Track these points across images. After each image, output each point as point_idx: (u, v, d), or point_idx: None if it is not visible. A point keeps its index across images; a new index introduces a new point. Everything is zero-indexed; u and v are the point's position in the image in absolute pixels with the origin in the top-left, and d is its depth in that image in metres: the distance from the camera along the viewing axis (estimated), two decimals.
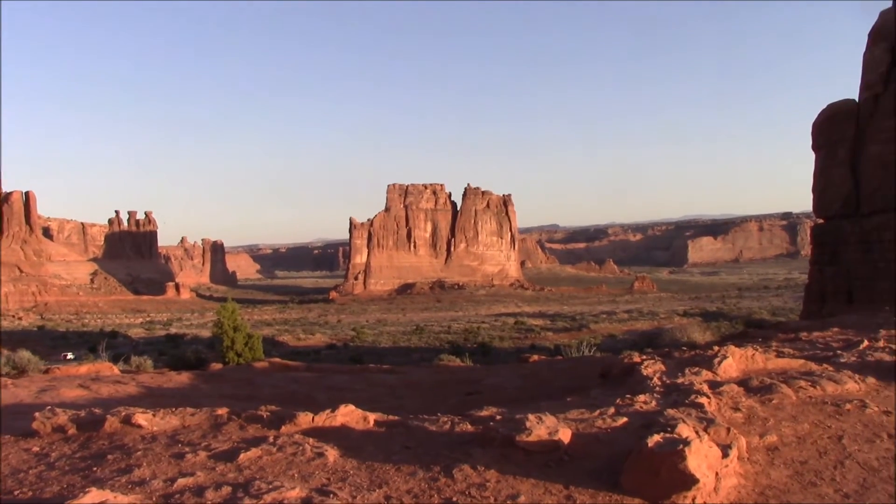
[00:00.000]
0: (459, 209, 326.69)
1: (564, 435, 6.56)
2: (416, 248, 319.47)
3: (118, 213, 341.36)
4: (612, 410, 8.00)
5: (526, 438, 6.43)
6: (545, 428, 6.59)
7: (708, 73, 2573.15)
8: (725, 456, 6.04)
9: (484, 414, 8.12)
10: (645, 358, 12.29)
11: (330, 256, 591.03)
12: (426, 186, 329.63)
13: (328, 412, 7.80)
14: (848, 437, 7.60)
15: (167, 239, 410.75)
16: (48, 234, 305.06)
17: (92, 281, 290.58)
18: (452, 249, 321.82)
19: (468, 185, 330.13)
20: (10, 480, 6.36)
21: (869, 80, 48.59)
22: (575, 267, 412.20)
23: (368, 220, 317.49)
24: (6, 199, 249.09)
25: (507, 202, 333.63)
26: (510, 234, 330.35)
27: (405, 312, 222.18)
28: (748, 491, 6.01)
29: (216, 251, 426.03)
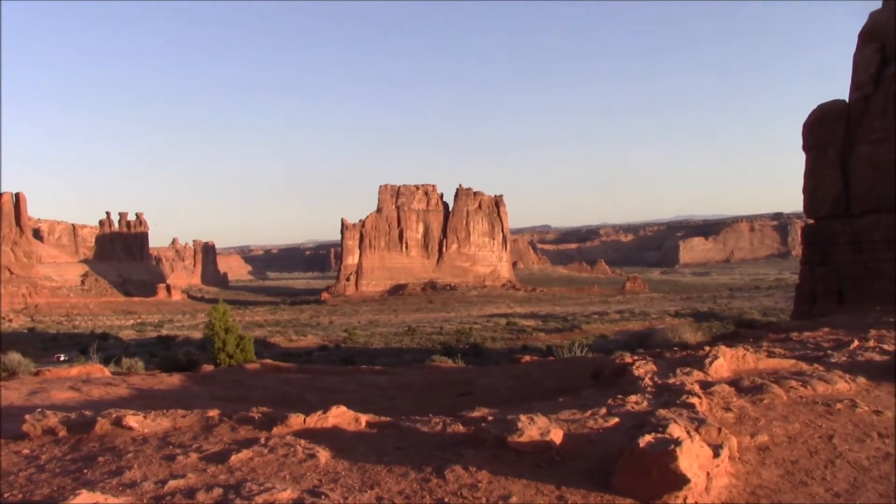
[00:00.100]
0: (451, 210, 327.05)
1: (556, 435, 6.57)
2: (407, 248, 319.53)
3: (109, 214, 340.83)
4: (603, 411, 8.01)
5: (518, 439, 6.43)
6: (537, 428, 6.59)
7: (701, 73, 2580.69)
8: (717, 456, 6.05)
9: (476, 415, 8.12)
10: (636, 358, 12.31)
11: (322, 257, 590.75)
12: (418, 187, 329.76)
13: (320, 413, 7.79)
14: (839, 436, 7.63)
15: (158, 240, 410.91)
16: (38, 235, 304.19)
17: (82, 282, 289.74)
18: (444, 250, 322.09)
19: (460, 185, 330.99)
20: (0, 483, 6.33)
21: (859, 80, 48.76)
22: (567, 267, 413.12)
23: (360, 220, 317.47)
24: None
25: (498, 203, 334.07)
26: (502, 234, 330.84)
27: (397, 313, 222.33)
28: (739, 491, 6.03)
29: (207, 252, 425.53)
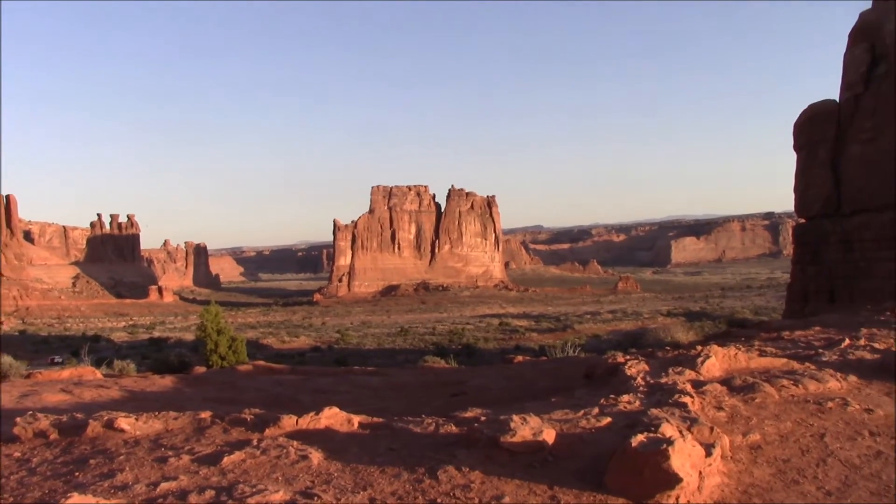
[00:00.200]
0: (443, 210, 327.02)
1: (549, 435, 6.57)
2: (400, 249, 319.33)
3: (100, 216, 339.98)
4: (596, 410, 8.01)
5: (510, 439, 6.43)
6: (529, 429, 6.59)
7: (693, 74, 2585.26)
8: (709, 455, 6.06)
9: (468, 415, 8.11)
10: (629, 358, 12.33)
11: (314, 258, 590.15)
12: (410, 188, 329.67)
13: (312, 415, 7.77)
14: (830, 435, 7.65)
15: (150, 242, 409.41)
16: (29, 237, 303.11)
17: (74, 285, 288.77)
18: (437, 251, 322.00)
19: (452, 186, 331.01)
20: None
21: (849, 80, 48.95)
22: (559, 268, 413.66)
23: (352, 221, 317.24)
24: None
25: (490, 203, 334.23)
26: (494, 235, 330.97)
27: (390, 314, 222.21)
28: (731, 489, 6.04)
29: (199, 254, 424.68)
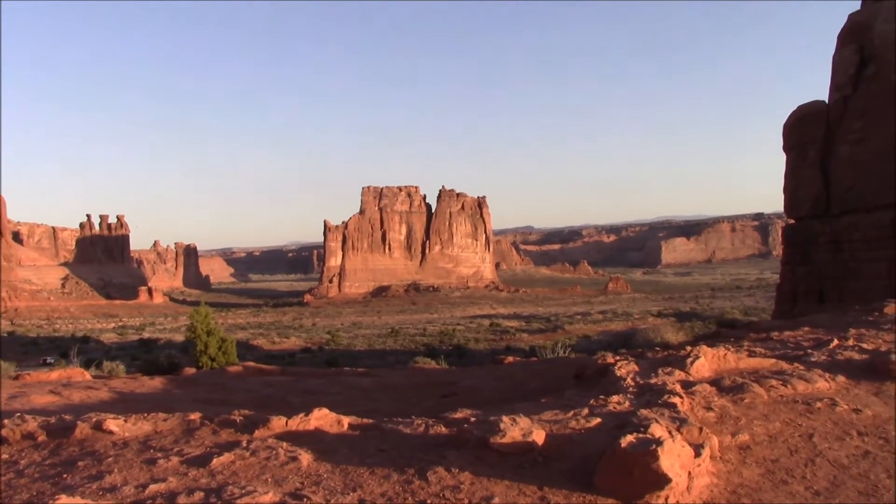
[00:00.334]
0: (434, 211, 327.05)
1: (538, 436, 6.57)
2: (390, 250, 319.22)
3: (90, 217, 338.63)
4: (585, 411, 8.01)
5: (500, 440, 6.43)
6: (519, 429, 6.59)
7: (684, 74, 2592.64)
8: (698, 455, 6.07)
9: (458, 416, 8.10)
10: (619, 359, 12.34)
11: (304, 259, 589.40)
12: (401, 189, 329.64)
13: (302, 416, 7.76)
14: (818, 435, 7.66)
15: (140, 243, 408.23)
16: (18, 238, 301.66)
17: (63, 286, 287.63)
18: (427, 252, 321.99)
19: (443, 187, 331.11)
20: None
21: (838, 81, 49.17)
22: (549, 268, 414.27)
23: (343, 222, 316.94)
24: None
25: (481, 204, 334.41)
26: (485, 235, 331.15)
27: (380, 315, 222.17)
28: (721, 490, 6.05)
29: (189, 255, 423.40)
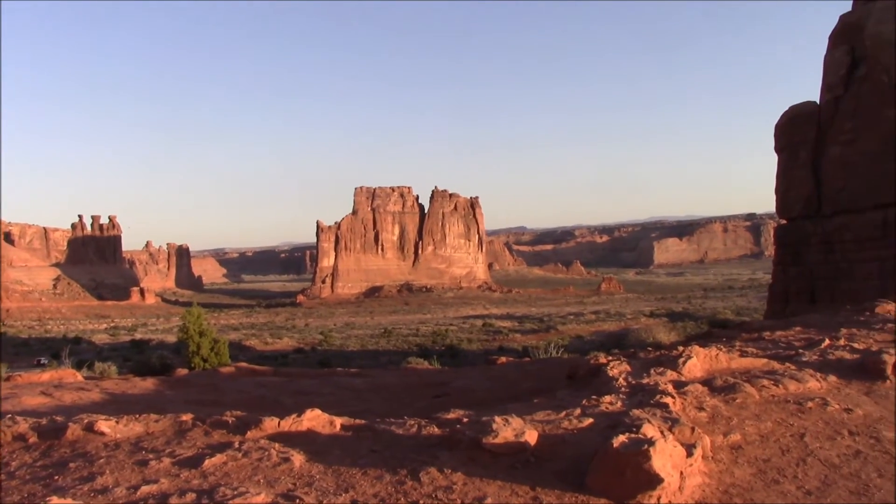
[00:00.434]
0: (427, 212, 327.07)
1: (531, 436, 6.57)
2: (383, 250, 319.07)
3: (81, 217, 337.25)
4: (578, 411, 8.01)
5: (492, 440, 6.43)
6: (512, 430, 6.60)
7: (678, 74, 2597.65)
8: (690, 455, 6.08)
9: (451, 416, 8.10)
10: (611, 359, 12.34)
11: (297, 260, 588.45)
12: (393, 189, 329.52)
13: (294, 417, 7.74)
14: (810, 434, 7.69)
15: (132, 243, 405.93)
16: (9, 239, 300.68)
17: (55, 286, 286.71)
18: (420, 252, 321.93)
19: (435, 187, 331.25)
20: None
21: (829, 82, 49.32)
22: (542, 269, 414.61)
23: (336, 223, 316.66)
24: None
25: (474, 204, 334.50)
26: (477, 236, 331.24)
27: (373, 315, 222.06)
28: (712, 489, 6.06)
29: (181, 255, 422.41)
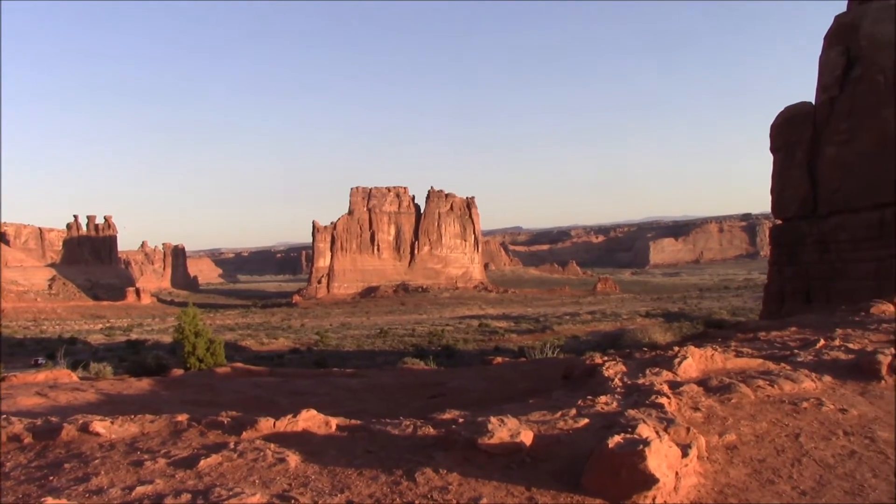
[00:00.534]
0: (423, 212, 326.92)
1: (526, 437, 6.57)
2: (379, 251, 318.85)
3: (77, 217, 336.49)
4: (573, 412, 8.01)
5: (488, 441, 6.43)
6: (507, 430, 6.59)
7: (670, 75, 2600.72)
8: (685, 455, 6.09)
9: (446, 417, 8.09)
10: (607, 359, 12.34)
11: (293, 260, 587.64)
12: (389, 189, 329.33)
13: (290, 417, 7.74)
14: (805, 434, 7.69)
15: (127, 244, 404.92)
16: (5, 239, 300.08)
17: (50, 287, 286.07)
18: (416, 252, 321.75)
19: (431, 187, 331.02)
20: None
21: (825, 82, 49.35)
22: (538, 269, 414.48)
23: (332, 223, 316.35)
24: None
25: (470, 205, 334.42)
26: (473, 236, 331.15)
27: (369, 316, 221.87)
28: (708, 490, 6.07)
29: (177, 256, 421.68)
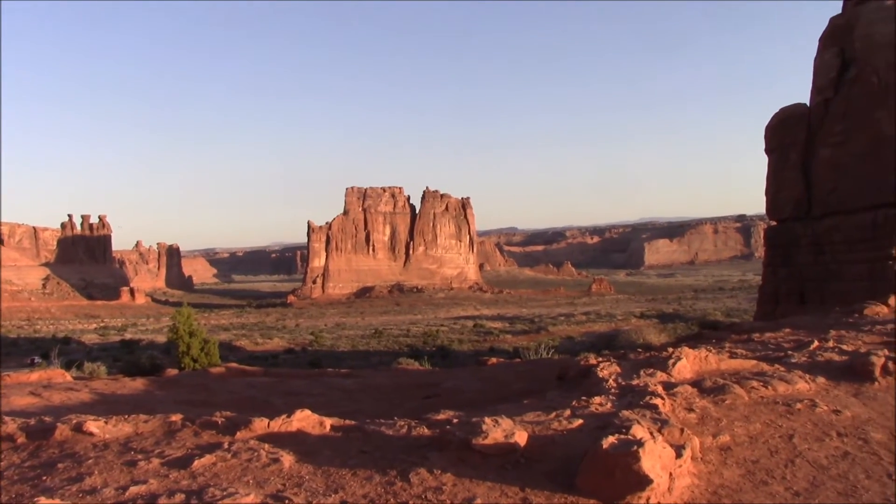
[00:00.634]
0: (418, 212, 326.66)
1: (521, 437, 6.58)
2: (374, 251, 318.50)
3: (71, 217, 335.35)
4: (567, 412, 8.02)
5: (482, 441, 6.43)
6: (501, 431, 6.59)
7: (668, 75, 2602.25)
8: (679, 456, 6.10)
9: (441, 417, 8.09)
10: (601, 360, 12.35)
11: (288, 260, 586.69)
12: (385, 189, 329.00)
13: (284, 417, 7.73)
14: (798, 436, 7.71)
15: (122, 243, 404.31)
16: None
17: (44, 286, 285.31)
18: (411, 252, 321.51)
19: (427, 188, 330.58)
20: None
21: (820, 84, 49.41)
22: (533, 269, 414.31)
23: (327, 223, 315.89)
24: None
25: (465, 205, 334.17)
26: (469, 236, 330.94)
27: (364, 316, 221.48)
28: (701, 490, 6.08)
29: (172, 255, 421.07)
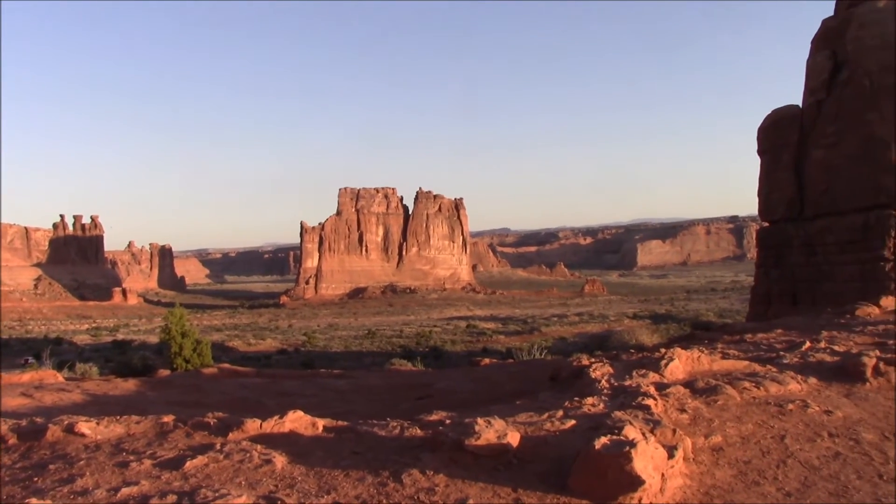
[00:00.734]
0: (411, 213, 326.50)
1: (513, 438, 6.58)
2: (367, 252, 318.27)
3: (63, 217, 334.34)
4: (560, 413, 8.02)
5: (475, 442, 6.43)
6: (494, 431, 6.60)
7: (660, 77, 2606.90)
8: (671, 457, 6.11)
9: (433, 418, 8.09)
10: (594, 361, 12.36)
11: (281, 261, 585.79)
12: (378, 190, 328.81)
13: (276, 418, 7.72)
14: (790, 436, 7.73)
15: (114, 244, 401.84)
16: None
17: (36, 286, 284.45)
18: (404, 253, 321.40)
19: (420, 188, 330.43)
20: None
21: (812, 86, 49.57)
22: (526, 270, 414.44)
23: (320, 223, 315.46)
24: None
25: (458, 206, 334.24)
26: (462, 237, 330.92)
27: (357, 317, 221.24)
28: (693, 491, 6.09)
29: (164, 256, 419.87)
